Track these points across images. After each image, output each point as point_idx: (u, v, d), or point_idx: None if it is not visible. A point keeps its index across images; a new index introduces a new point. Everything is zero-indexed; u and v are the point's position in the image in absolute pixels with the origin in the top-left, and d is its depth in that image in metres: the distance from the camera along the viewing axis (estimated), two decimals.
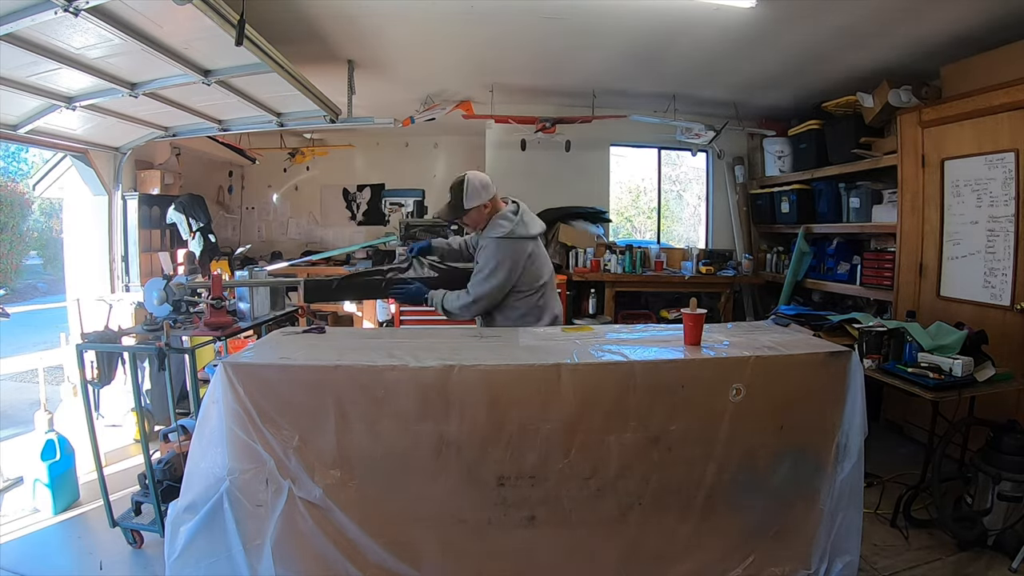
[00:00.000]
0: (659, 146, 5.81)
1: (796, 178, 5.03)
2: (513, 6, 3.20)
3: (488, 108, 4.89)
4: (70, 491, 2.88)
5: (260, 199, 6.87)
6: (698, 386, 1.92)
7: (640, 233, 8.26)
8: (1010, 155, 3.04)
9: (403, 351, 1.93)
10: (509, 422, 1.83)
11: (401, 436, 1.82)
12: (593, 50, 3.90)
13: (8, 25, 2.20)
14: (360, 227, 6.80)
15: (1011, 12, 2.98)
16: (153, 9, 2.28)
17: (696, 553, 1.96)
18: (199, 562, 1.76)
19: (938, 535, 2.57)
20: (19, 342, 5.85)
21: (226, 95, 3.40)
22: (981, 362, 2.63)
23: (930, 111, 3.53)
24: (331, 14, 3.22)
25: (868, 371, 2.64)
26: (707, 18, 3.19)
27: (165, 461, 2.55)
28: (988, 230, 3.18)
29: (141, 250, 4.69)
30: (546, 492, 1.86)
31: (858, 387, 1.98)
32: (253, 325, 2.97)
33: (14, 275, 10.69)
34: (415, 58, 4.07)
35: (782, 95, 4.78)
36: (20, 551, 2.51)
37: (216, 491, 1.75)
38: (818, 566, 2.00)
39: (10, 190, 10.51)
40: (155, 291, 2.65)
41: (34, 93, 3.02)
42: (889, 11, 3.08)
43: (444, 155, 6.76)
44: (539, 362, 1.89)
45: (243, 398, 1.74)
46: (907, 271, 3.72)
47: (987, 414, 2.67)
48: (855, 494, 1.98)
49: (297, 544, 1.78)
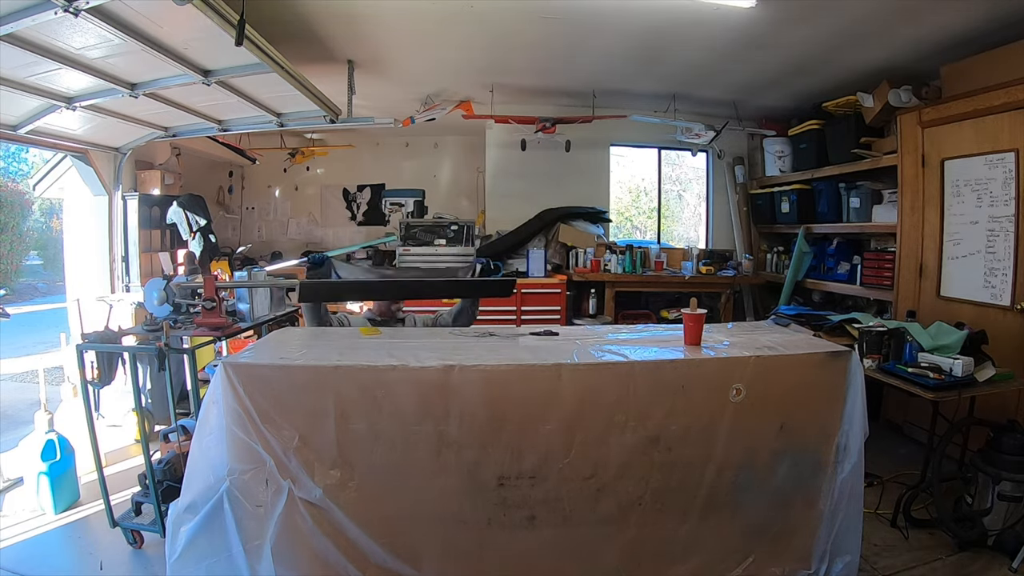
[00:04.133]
0: (659, 146, 5.81)
1: (796, 178, 5.03)
2: (513, 6, 3.21)
3: (488, 108, 4.88)
4: (70, 491, 2.88)
5: (260, 199, 6.86)
6: (698, 386, 1.92)
7: (640, 233, 8.25)
8: (1010, 155, 3.04)
9: (403, 351, 1.93)
10: (509, 422, 1.83)
11: (401, 436, 1.82)
12: (593, 50, 3.90)
13: (8, 25, 2.19)
14: (360, 227, 6.80)
15: (1011, 12, 2.98)
16: (153, 9, 2.28)
17: (696, 553, 1.96)
18: (199, 562, 1.76)
19: (938, 535, 2.56)
20: (19, 342, 5.86)
21: (226, 95, 3.40)
22: (981, 362, 2.63)
23: (930, 111, 3.53)
24: (331, 14, 3.22)
25: (868, 371, 2.64)
26: (707, 18, 3.19)
27: (165, 461, 2.55)
28: (988, 230, 3.18)
29: (141, 250, 4.68)
30: (546, 492, 1.86)
31: (858, 387, 1.98)
32: (253, 325, 2.97)
33: (14, 275, 10.68)
34: (415, 58, 4.07)
35: (782, 95, 4.78)
36: (20, 551, 2.51)
37: (216, 491, 1.74)
38: (818, 566, 2.00)
39: (10, 190, 10.51)
40: (155, 291, 2.65)
41: (34, 93, 3.02)
42: (889, 11, 3.08)
43: (444, 155, 6.76)
44: (539, 362, 1.89)
45: (243, 398, 1.74)
46: (907, 271, 3.72)
47: (987, 414, 2.67)
48: (855, 494, 1.98)
49: (297, 544, 1.77)
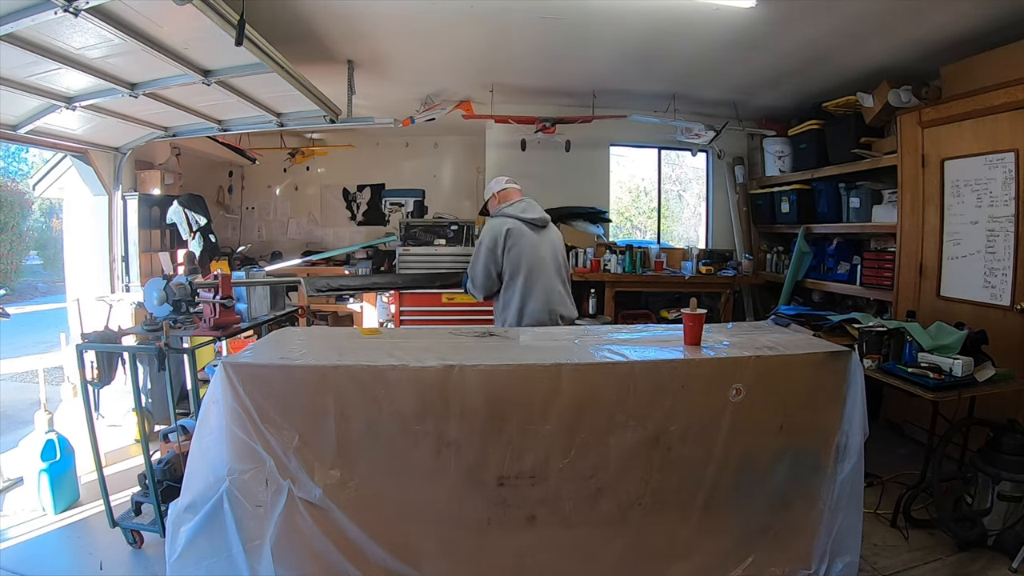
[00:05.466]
0: (659, 146, 5.80)
1: (796, 178, 5.03)
2: (513, 6, 3.20)
3: (488, 108, 4.88)
4: (70, 491, 2.88)
5: (260, 199, 6.86)
6: (698, 386, 1.92)
7: (640, 233, 8.25)
8: (1010, 155, 3.04)
9: (403, 351, 1.93)
10: (509, 422, 1.84)
11: (401, 436, 1.82)
12: (593, 50, 3.90)
13: (8, 25, 2.19)
14: (360, 227, 6.79)
15: (1011, 12, 2.98)
16: (153, 9, 2.28)
17: (696, 553, 1.96)
18: (199, 562, 1.77)
19: (938, 535, 2.56)
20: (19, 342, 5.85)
21: (226, 95, 3.40)
22: (981, 362, 2.63)
23: (930, 111, 3.53)
24: (331, 14, 3.22)
25: (868, 371, 2.64)
26: (707, 18, 3.19)
27: (165, 461, 2.55)
28: (988, 230, 3.18)
29: (141, 250, 4.68)
30: (546, 492, 1.86)
31: (858, 387, 1.98)
32: (253, 325, 2.97)
33: (14, 275, 10.68)
34: (415, 58, 4.06)
35: (782, 95, 4.77)
36: (20, 551, 2.51)
37: (216, 491, 1.75)
38: (818, 566, 2.00)
39: (10, 190, 10.51)
40: (155, 291, 2.65)
41: (34, 93, 3.01)
42: (889, 11, 3.08)
43: (444, 155, 6.75)
44: (539, 362, 1.89)
45: (243, 398, 1.74)
46: (907, 271, 3.72)
47: (987, 414, 2.67)
48: (855, 494, 1.98)
49: (297, 544, 1.78)
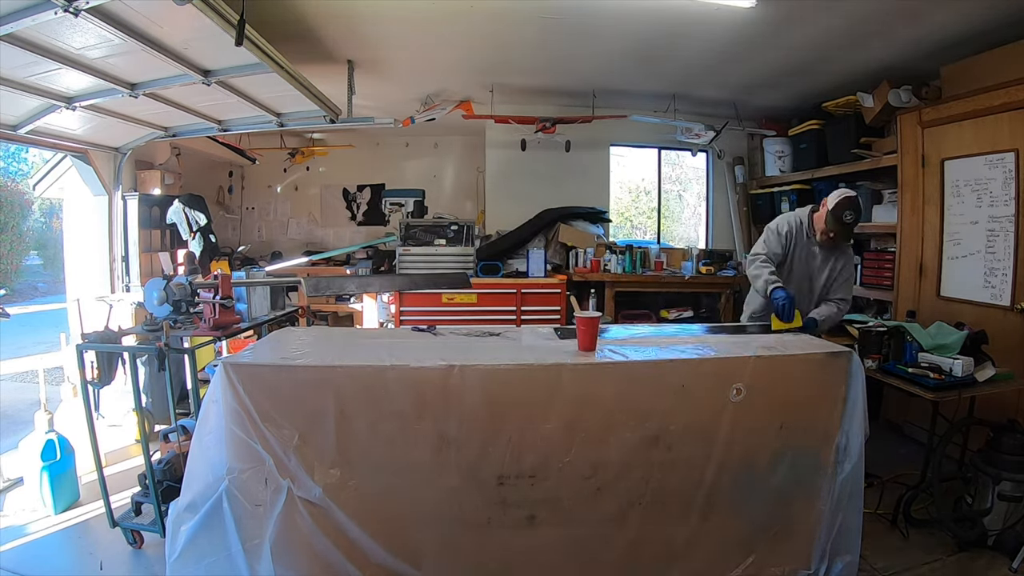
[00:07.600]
0: (659, 146, 5.80)
1: (796, 178, 5.03)
2: (513, 6, 3.20)
3: (488, 108, 4.88)
4: (70, 491, 2.88)
5: (260, 199, 6.86)
6: (698, 386, 1.92)
7: (640, 233, 8.25)
8: (1010, 155, 3.04)
9: (403, 351, 1.93)
10: (509, 422, 1.84)
11: (401, 436, 1.82)
12: (593, 50, 3.90)
13: (8, 25, 2.19)
14: (360, 227, 6.79)
15: (1011, 12, 2.98)
16: (153, 9, 2.28)
17: (696, 553, 1.96)
18: (199, 561, 1.77)
19: (938, 535, 2.56)
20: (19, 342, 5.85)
21: (226, 95, 3.40)
22: (981, 362, 2.63)
23: (930, 111, 3.53)
24: (331, 14, 3.22)
25: (868, 371, 2.64)
26: (707, 18, 3.19)
27: (165, 461, 2.55)
28: (988, 230, 3.18)
29: (141, 250, 4.68)
30: (546, 492, 1.86)
31: (858, 387, 1.98)
32: (253, 325, 2.97)
33: (14, 275, 10.68)
34: (415, 58, 4.06)
35: (782, 95, 4.77)
36: (20, 551, 2.51)
37: (216, 491, 1.75)
38: (818, 566, 2.00)
39: (10, 190, 10.51)
40: (155, 291, 2.65)
41: (34, 93, 3.01)
42: (889, 11, 3.08)
43: (444, 155, 6.75)
44: (539, 362, 1.89)
45: (243, 398, 1.74)
46: (907, 271, 3.72)
47: (987, 414, 2.66)
48: (855, 494, 1.99)
49: (296, 543, 1.78)
